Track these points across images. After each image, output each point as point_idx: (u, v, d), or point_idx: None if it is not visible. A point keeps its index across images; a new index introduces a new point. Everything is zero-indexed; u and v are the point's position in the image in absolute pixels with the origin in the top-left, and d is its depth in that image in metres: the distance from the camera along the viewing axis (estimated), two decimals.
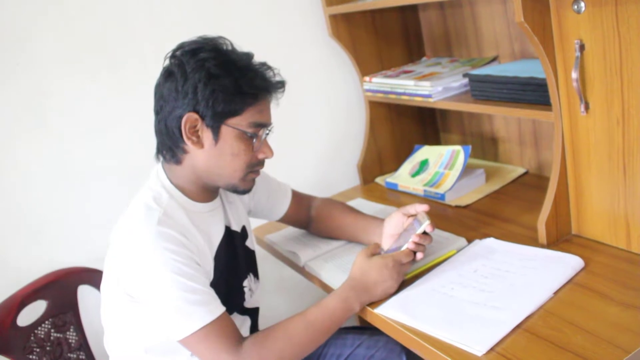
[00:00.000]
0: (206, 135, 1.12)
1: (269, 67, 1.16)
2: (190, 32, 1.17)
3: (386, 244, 1.30)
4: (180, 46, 1.13)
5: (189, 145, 1.12)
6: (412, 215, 1.29)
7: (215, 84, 1.07)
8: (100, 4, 1.55)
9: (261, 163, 1.19)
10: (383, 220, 1.35)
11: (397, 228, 1.30)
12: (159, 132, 1.16)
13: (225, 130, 1.11)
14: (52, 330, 1.49)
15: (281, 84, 1.17)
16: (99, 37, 1.56)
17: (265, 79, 1.13)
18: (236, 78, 1.08)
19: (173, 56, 1.12)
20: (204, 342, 1.06)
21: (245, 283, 1.30)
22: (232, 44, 1.15)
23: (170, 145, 1.15)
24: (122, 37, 1.59)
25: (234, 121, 1.11)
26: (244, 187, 1.19)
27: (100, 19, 1.56)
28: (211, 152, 1.13)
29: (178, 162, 1.16)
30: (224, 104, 1.09)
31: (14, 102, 1.49)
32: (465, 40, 1.82)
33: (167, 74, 1.12)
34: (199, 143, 1.12)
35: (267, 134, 1.18)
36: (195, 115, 1.10)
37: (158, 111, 1.15)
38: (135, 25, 1.61)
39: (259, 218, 1.48)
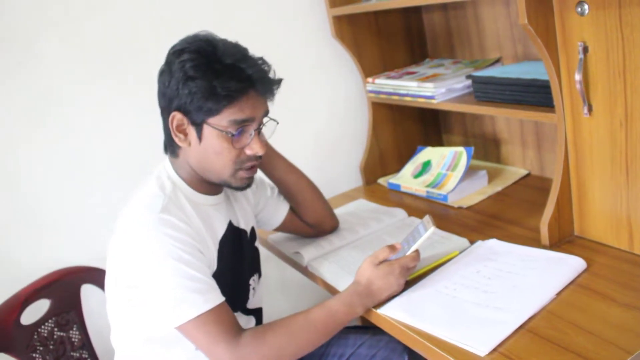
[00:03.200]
0: (192, 133, 1.14)
1: (264, 63, 1.15)
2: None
3: None
4: (174, 45, 1.15)
5: (177, 142, 1.15)
6: None
7: (191, 86, 1.09)
8: (103, 4, 1.56)
9: (252, 159, 1.18)
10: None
11: None
12: (163, 127, 1.19)
13: (207, 130, 1.12)
14: (55, 329, 1.50)
15: (273, 81, 1.16)
16: (102, 37, 1.57)
17: (245, 79, 1.11)
18: (210, 80, 1.08)
19: (168, 54, 1.15)
20: (201, 330, 1.06)
21: (251, 281, 1.31)
22: (218, 42, 1.13)
23: (168, 140, 1.19)
24: (124, 37, 1.60)
25: (214, 121, 1.12)
26: (236, 184, 1.19)
27: (104, 19, 1.57)
28: (198, 150, 1.15)
29: (176, 155, 1.19)
30: (200, 104, 1.10)
31: (18, 101, 1.49)
32: (468, 41, 1.83)
33: (160, 72, 1.15)
34: (186, 141, 1.15)
35: (261, 126, 1.18)
36: (180, 114, 1.12)
37: (159, 107, 1.18)
38: (138, 26, 1.62)
39: (263, 228, 1.48)
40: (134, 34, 1.61)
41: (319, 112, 1.96)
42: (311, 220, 1.48)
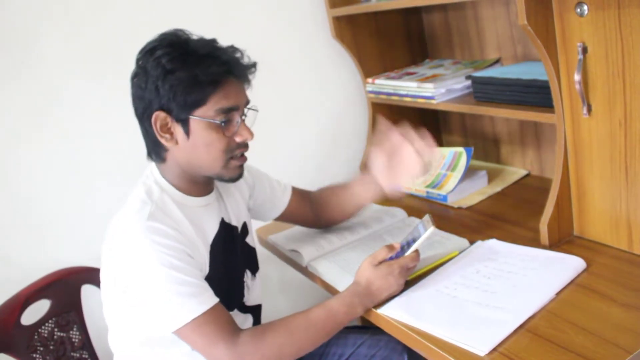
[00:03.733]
0: (178, 130, 1.12)
1: (235, 50, 1.14)
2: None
3: (386, 178, 1.30)
4: (143, 47, 1.14)
5: (164, 143, 1.13)
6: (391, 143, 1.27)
7: (172, 79, 1.07)
8: (105, 5, 1.56)
9: (241, 146, 1.18)
10: (368, 174, 1.35)
11: (385, 165, 1.29)
12: (142, 134, 1.18)
13: (194, 123, 1.11)
14: (56, 329, 1.50)
15: (249, 65, 1.15)
16: (103, 38, 1.57)
17: (224, 63, 1.11)
18: (191, 69, 1.08)
19: (137, 58, 1.14)
20: (198, 333, 1.07)
21: (245, 278, 1.31)
22: (186, 35, 1.13)
23: (152, 145, 1.17)
24: (125, 38, 1.59)
25: (200, 112, 1.11)
26: (229, 176, 1.18)
27: (105, 20, 1.57)
28: (186, 147, 1.13)
29: (163, 160, 1.18)
30: (184, 96, 1.08)
31: (18, 101, 1.50)
32: (468, 42, 1.83)
33: (133, 76, 1.14)
34: (172, 140, 1.13)
35: (245, 115, 1.18)
36: (164, 113, 1.11)
37: (135, 114, 1.16)
38: (138, 26, 1.61)
39: (261, 218, 1.48)
40: (134, 34, 1.59)
41: (319, 113, 1.96)
42: (323, 221, 1.51)
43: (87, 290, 1.56)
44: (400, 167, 1.28)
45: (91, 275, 1.54)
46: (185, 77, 1.07)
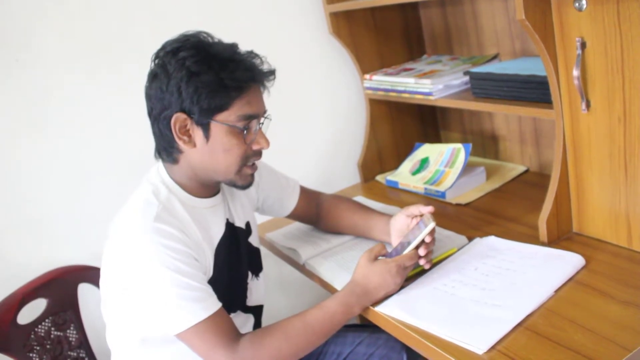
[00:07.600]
0: (197, 133, 1.11)
1: (256, 55, 1.14)
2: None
3: (394, 243, 1.31)
4: (163, 47, 1.12)
5: (181, 145, 1.12)
6: (416, 216, 1.28)
7: (197, 82, 1.06)
8: (101, 2, 1.55)
9: (256, 154, 1.18)
10: (390, 218, 1.35)
11: (401, 230, 1.30)
12: (154, 133, 1.17)
13: (215, 127, 1.11)
14: (53, 329, 1.49)
15: (270, 72, 1.15)
16: (99, 35, 1.56)
17: (248, 69, 1.11)
18: (217, 73, 1.07)
19: (157, 57, 1.12)
20: (199, 337, 1.06)
21: (248, 280, 1.30)
22: (212, 38, 1.13)
23: (165, 145, 1.15)
24: (122, 36, 1.59)
25: (222, 116, 1.10)
26: (242, 183, 1.18)
27: (101, 17, 1.56)
28: (204, 150, 1.13)
29: (175, 161, 1.16)
30: (208, 100, 1.07)
31: (15, 99, 1.49)
32: (466, 37, 1.82)
33: (152, 76, 1.12)
34: (190, 142, 1.12)
35: (262, 124, 1.17)
36: (184, 115, 1.09)
37: (149, 113, 1.15)
38: (136, 24, 1.61)
39: (267, 214, 1.48)
40: (132, 32, 1.60)
41: (317, 109, 1.95)
42: (323, 226, 1.52)
43: (84, 289, 1.55)
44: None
45: (88, 274, 1.54)
46: (211, 80, 1.06)
